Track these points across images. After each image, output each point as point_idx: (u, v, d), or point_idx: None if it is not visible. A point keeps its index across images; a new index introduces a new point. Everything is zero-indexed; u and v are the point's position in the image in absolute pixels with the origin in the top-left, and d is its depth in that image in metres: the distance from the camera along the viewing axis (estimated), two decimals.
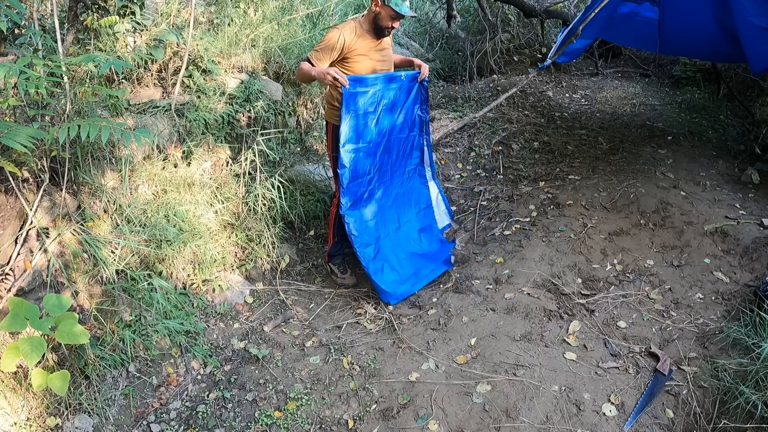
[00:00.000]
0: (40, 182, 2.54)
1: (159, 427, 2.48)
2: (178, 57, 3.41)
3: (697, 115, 5.64)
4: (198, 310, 3.04)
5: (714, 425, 2.34)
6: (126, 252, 2.78)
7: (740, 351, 2.59)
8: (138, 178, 3.02)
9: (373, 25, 3.03)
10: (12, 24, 2.79)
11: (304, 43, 4.18)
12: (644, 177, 4.21)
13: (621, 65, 7.68)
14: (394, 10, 2.93)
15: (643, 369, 2.65)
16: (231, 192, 3.43)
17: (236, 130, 3.60)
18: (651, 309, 3.05)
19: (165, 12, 3.46)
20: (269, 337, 3.01)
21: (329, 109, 3.22)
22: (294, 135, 4.11)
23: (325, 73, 2.89)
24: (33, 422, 2.23)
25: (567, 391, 2.52)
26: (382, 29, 3.03)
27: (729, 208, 3.80)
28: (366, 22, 3.05)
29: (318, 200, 3.90)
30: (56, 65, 2.41)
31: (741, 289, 3.12)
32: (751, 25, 3.61)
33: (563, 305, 3.10)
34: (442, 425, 2.42)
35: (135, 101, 3.21)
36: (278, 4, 4.19)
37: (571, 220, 3.82)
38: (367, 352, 2.87)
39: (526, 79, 5.93)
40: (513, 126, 5.48)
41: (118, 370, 2.57)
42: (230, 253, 3.34)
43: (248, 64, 3.81)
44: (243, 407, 2.60)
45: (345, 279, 3.48)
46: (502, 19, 7.36)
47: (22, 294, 2.36)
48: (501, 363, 2.69)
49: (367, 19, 3.05)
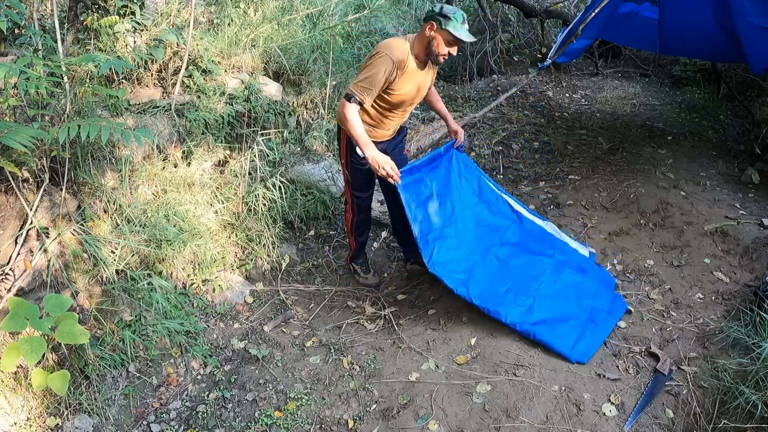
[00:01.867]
0: (40, 182, 2.54)
1: (159, 427, 2.48)
2: (178, 57, 3.41)
3: (697, 115, 5.64)
4: (198, 310, 3.04)
5: (714, 425, 2.33)
6: (126, 252, 2.78)
7: (740, 351, 2.59)
8: (138, 178, 3.02)
9: (425, 52, 2.71)
10: (12, 24, 2.79)
11: (304, 43, 4.18)
12: (644, 177, 4.21)
13: (621, 65, 7.68)
14: (452, 35, 2.60)
15: (643, 369, 2.65)
16: (231, 192, 3.43)
17: (236, 130, 3.60)
18: (651, 309, 3.05)
19: (165, 12, 3.46)
20: (269, 337, 3.01)
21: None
22: (294, 135, 4.11)
23: (378, 165, 2.65)
24: (33, 422, 2.23)
25: (567, 391, 2.52)
26: (435, 57, 2.70)
27: (729, 208, 3.80)
28: (417, 46, 2.71)
29: (318, 200, 3.89)
30: (56, 65, 2.41)
31: (741, 289, 3.12)
32: (751, 25, 3.61)
33: None
34: (442, 425, 2.42)
35: (135, 101, 3.21)
36: (278, 4, 4.19)
37: (571, 220, 3.82)
38: (367, 352, 2.87)
39: (526, 79, 5.93)
40: (513, 126, 5.48)
41: (118, 370, 2.57)
42: (230, 253, 3.34)
43: (248, 64, 3.81)
44: (243, 407, 2.60)
45: (368, 279, 3.44)
46: (502, 19, 7.36)
47: (22, 294, 2.37)
48: (501, 363, 2.68)
49: (419, 44, 2.70)
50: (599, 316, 2.86)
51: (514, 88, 5.47)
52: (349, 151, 2.95)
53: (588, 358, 2.65)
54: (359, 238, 3.33)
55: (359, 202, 3.15)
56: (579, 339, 2.71)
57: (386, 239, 3.95)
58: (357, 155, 2.89)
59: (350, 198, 3.15)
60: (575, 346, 2.68)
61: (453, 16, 2.59)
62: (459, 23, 2.60)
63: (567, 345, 2.67)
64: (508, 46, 7.24)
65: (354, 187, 3.10)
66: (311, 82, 4.29)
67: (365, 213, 3.23)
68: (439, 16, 2.60)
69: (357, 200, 3.14)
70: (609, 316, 2.89)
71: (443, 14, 2.59)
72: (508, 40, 7.34)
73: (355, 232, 3.30)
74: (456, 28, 2.60)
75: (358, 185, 3.09)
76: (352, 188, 3.11)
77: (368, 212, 3.26)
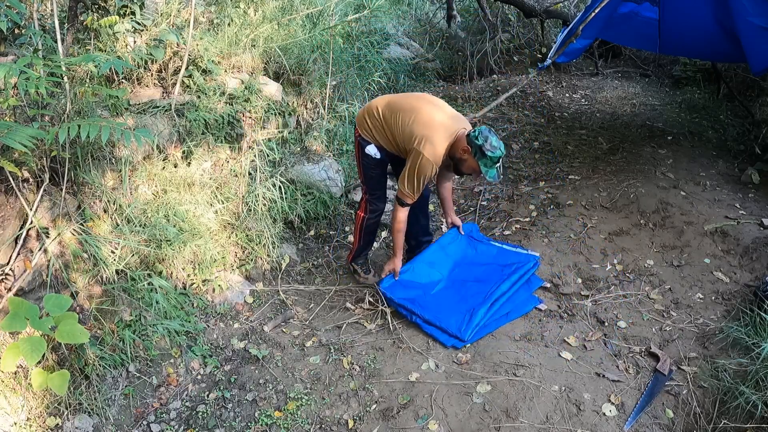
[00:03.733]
0: (40, 182, 2.53)
1: (159, 427, 2.48)
2: (178, 57, 3.41)
3: (697, 115, 5.64)
4: (198, 310, 3.04)
5: (714, 425, 2.34)
6: (126, 252, 2.78)
7: (740, 351, 2.59)
8: (138, 178, 3.02)
9: (453, 166, 2.90)
10: (12, 24, 2.78)
11: (304, 43, 4.18)
12: (644, 177, 4.21)
13: (621, 65, 7.68)
14: (480, 171, 2.75)
15: (643, 369, 2.65)
16: (231, 192, 3.43)
17: (236, 130, 3.59)
18: (651, 309, 3.05)
19: (165, 12, 3.46)
20: (269, 337, 3.01)
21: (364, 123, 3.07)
22: (294, 135, 4.11)
23: (392, 270, 3.08)
24: (33, 422, 2.23)
25: (567, 391, 2.52)
26: (460, 173, 2.94)
27: (729, 208, 3.80)
28: (450, 152, 2.82)
29: (318, 200, 3.89)
30: (56, 65, 2.41)
31: (741, 289, 3.12)
32: (751, 25, 3.61)
33: (563, 305, 3.10)
34: (442, 425, 2.42)
35: (135, 101, 3.21)
36: (278, 4, 4.18)
37: (571, 220, 3.82)
38: (367, 352, 2.87)
39: (526, 79, 5.92)
40: (513, 126, 5.48)
41: (118, 370, 2.57)
42: (230, 253, 3.34)
43: (248, 64, 3.81)
44: (243, 407, 2.60)
45: (368, 279, 3.45)
46: (502, 19, 7.37)
47: (22, 294, 2.36)
48: (501, 363, 2.69)
49: (452, 152, 2.82)
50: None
51: (514, 88, 5.47)
52: (361, 152, 3.10)
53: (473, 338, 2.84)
54: (366, 237, 3.37)
55: (373, 200, 3.25)
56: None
57: (386, 239, 3.95)
58: (368, 155, 3.06)
59: (365, 196, 3.25)
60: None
61: (490, 155, 2.67)
62: (492, 164, 2.70)
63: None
64: (508, 46, 7.25)
65: (368, 186, 3.22)
66: (311, 82, 4.28)
67: (377, 214, 3.31)
68: (478, 148, 2.68)
69: (371, 198, 3.24)
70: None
71: (482, 149, 2.67)
72: (508, 40, 7.34)
73: (363, 231, 3.34)
74: (486, 165, 2.71)
75: (372, 185, 3.21)
76: (367, 188, 3.23)
77: (380, 214, 3.33)
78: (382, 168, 3.17)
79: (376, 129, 2.99)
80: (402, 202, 2.93)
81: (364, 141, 3.06)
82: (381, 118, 2.94)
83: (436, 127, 2.79)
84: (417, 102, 2.92)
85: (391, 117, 2.90)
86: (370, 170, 3.14)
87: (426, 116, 2.83)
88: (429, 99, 2.99)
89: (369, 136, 3.03)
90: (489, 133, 2.70)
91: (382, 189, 3.27)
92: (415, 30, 7.68)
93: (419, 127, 2.79)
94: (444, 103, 3.01)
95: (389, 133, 2.93)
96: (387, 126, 2.93)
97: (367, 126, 3.03)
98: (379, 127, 2.97)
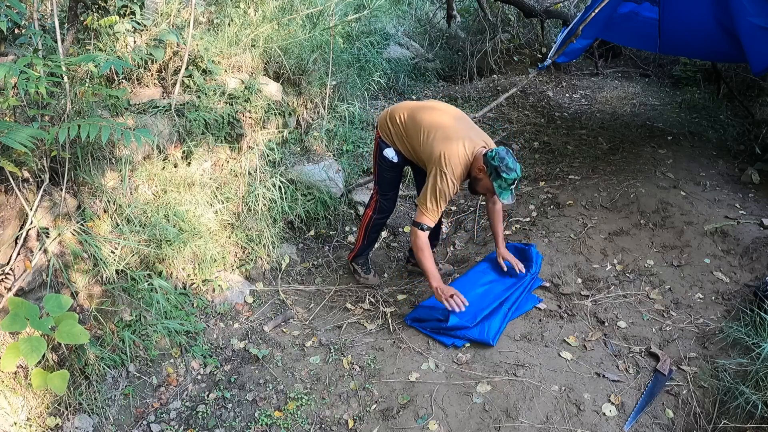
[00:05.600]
0: (40, 182, 2.54)
1: (159, 427, 2.48)
2: (178, 57, 3.40)
3: (697, 115, 5.64)
4: (198, 310, 3.04)
5: (714, 425, 2.34)
6: (126, 252, 2.78)
7: (740, 351, 2.59)
8: (138, 178, 3.02)
9: (469, 184, 2.91)
10: (12, 24, 2.79)
11: (304, 43, 4.18)
12: (644, 177, 4.21)
13: (621, 65, 7.68)
14: (494, 191, 2.71)
15: (643, 369, 2.65)
16: (231, 192, 3.43)
17: (236, 130, 3.60)
18: (651, 309, 3.05)
19: (165, 12, 3.46)
20: (269, 337, 3.01)
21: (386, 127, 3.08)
22: (294, 135, 4.11)
23: (443, 295, 2.80)
24: (33, 422, 2.23)
25: (567, 391, 2.52)
26: (475, 192, 2.94)
27: (729, 208, 3.80)
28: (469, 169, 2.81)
29: (318, 200, 3.89)
30: (56, 65, 2.41)
31: (741, 289, 3.12)
32: (751, 25, 3.61)
33: (563, 305, 3.10)
34: (442, 425, 2.42)
35: (135, 101, 3.21)
36: (278, 4, 4.18)
37: (571, 220, 3.82)
38: (367, 352, 2.87)
39: (526, 79, 5.93)
40: (513, 126, 5.48)
41: (118, 370, 2.57)
42: (230, 253, 3.34)
43: (248, 64, 3.81)
44: (243, 407, 2.60)
45: (368, 279, 3.46)
46: (502, 19, 7.36)
47: (22, 294, 2.36)
48: (501, 363, 2.69)
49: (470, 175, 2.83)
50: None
51: (514, 88, 5.47)
52: (379, 153, 3.13)
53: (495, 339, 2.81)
54: (371, 236, 3.37)
55: (384, 200, 3.27)
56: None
57: (386, 239, 3.95)
58: (386, 157, 3.08)
59: (376, 196, 3.28)
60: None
61: (505, 177, 2.64)
62: (507, 186, 2.67)
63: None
64: (508, 46, 7.25)
65: (381, 187, 3.24)
66: (311, 82, 4.28)
67: (385, 215, 3.33)
68: (494, 169, 2.66)
69: (382, 199, 3.26)
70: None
71: (498, 170, 2.65)
72: (508, 40, 7.34)
73: (369, 229, 3.35)
74: (501, 187, 2.67)
75: (384, 186, 3.24)
76: (379, 188, 3.26)
77: (388, 215, 3.35)
78: (398, 171, 3.20)
79: (396, 136, 3.01)
80: (421, 225, 2.80)
81: (383, 143, 3.09)
82: (402, 128, 2.96)
83: (457, 145, 2.74)
84: (441, 117, 2.88)
85: (413, 128, 2.90)
86: (386, 172, 3.17)
87: (448, 133, 2.79)
88: (452, 113, 2.95)
89: (389, 140, 3.06)
90: (506, 154, 2.66)
91: (394, 191, 3.29)
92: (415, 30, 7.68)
93: (441, 144, 2.75)
94: (464, 115, 2.99)
95: (408, 144, 2.95)
96: (408, 136, 2.94)
97: (388, 130, 3.06)
98: (400, 135, 2.99)
